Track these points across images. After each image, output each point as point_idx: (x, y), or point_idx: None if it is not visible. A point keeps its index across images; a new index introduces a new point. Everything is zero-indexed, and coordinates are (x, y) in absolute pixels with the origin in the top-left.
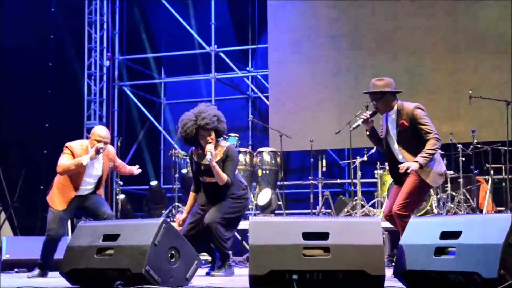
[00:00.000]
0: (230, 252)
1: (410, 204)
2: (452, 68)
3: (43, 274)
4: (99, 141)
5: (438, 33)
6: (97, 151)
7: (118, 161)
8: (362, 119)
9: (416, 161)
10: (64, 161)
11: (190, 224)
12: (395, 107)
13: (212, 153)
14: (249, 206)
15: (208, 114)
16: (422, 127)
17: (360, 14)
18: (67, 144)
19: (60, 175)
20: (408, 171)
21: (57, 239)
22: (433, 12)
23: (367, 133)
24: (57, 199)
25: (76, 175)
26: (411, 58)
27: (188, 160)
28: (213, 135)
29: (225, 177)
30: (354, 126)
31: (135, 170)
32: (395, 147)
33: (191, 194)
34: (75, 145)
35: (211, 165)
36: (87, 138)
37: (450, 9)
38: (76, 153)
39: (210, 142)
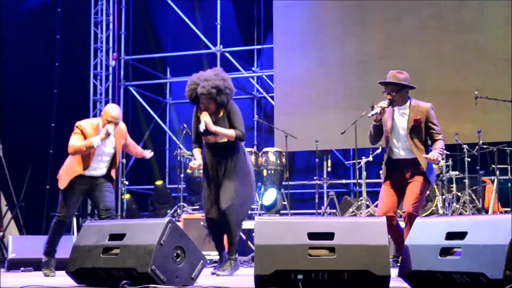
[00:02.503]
0: (237, 238)
1: (421, 204)
2: (458, 68)
3: (50, 260)
4: (110, 121)
5: (444, 33)
6: (108, 134)
7: (129, 140)
8: (380, 108)
9: (438, 153)
10: (75, 141)
11: (208, 213)
12: (407, 103)
13: (207, 121)
14: (255, 206)
15: (209, 83)
16: (434, 127)
17: (366, 15)
18: (77, 123)
19: (71, 155)
20: (436, 160)
21: (65, 221)
22: (439, 13)
23: (376, 123)
24: (61, 177)
25: (87, 154)
26: (417, 58)
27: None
28: (212, 105)
29: (232, 132)
30: (372, 112)
31: (148, 153)
32: (401, 143)
33: (196, 150)
34: (85, 124)
35: (212, 131)
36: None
37: (457, 10)
38: (86, 132)
39: (205, 108)
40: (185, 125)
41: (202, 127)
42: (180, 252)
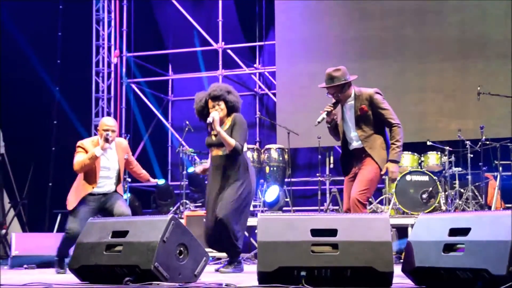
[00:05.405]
0: (240, 245)
1: (370, 192)
2: (461, 65)
3: (62, 259)
4: (106, 130)
5: (445, 31)
6: (106, 140)
7: (132, 158)
8: (326, 112)
9: (393, 161)
10: (79, 158)
11: (207, 220)
12: (352, 94)
13: (215, 118)
14: (257, 203)
15: (219, 85)
16: (383, 111)
17: (367, 12)
18: (79, 142)
19: (78, 172)
20: (396, 177)
21: (72, 237)
22: (440, 10)
23: (328, 125)
24: (70, 198)
25: (91, 171)
26: (418, 55)
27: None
28: (222, 105)
29: (232, 141)
30: (319, 120)
31: (153, 180)
32: (351, 134)
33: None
34: (86, 142)
35: (216, 131)
36: (96, 135)
37: (458, 6)
38: (88, 149)
39: (216, 110)
40: (187, 122)
41: (209, 119)
42: (183, 249)
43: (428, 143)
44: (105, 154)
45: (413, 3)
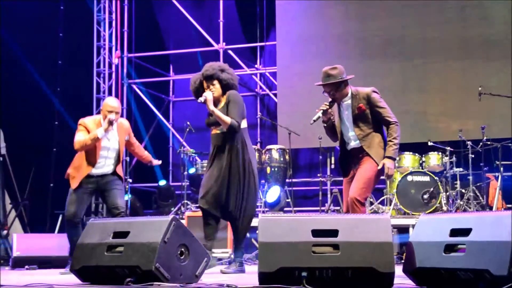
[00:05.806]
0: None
1: (368, 191)
2: (462, 65)
3: None
4: (110, 112)
5: (447, 31)
6: (110, 122)
7: (134, 139)
8: (321, 110)
9: (389, 158)
10: (80, 137)
11: (206, 196)
12: (349, 93)
13: (207, 98)
14: (258, 203)
15: (212, 65)
16: (380, 110)
17: (369, 12)
18: (81, 120)
19: (78, 151)
20: (392, 173)
21: (74, 220)
22: (442, 10)
23: (325, 124)
24: (72, 174)
25: (92, 150)
26: (419, 55)
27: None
28: (216, 85)
29: (227, 119)
30: (314, 118)
31: (156, 161)
32: (349, 134)
33: None
34: (88, 120)
35: (210, 111)
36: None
37: (460, 6)
38: (90, 128)
39: (210, 90)
40: (188, 123)
41: (200, 99)
42: (184, 249)
43: (429, 143)
44: (106, 135)
45: (414, 3)
